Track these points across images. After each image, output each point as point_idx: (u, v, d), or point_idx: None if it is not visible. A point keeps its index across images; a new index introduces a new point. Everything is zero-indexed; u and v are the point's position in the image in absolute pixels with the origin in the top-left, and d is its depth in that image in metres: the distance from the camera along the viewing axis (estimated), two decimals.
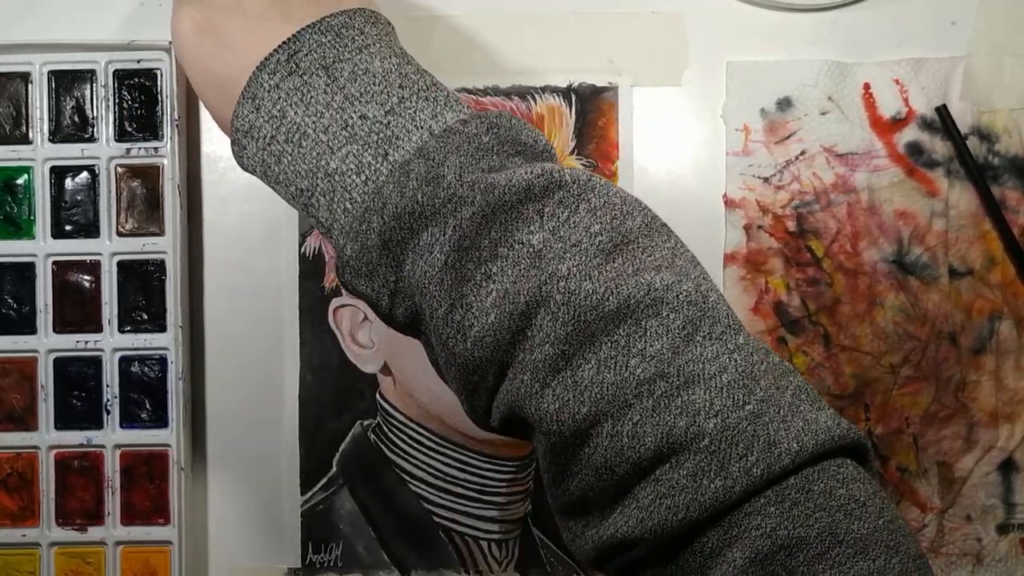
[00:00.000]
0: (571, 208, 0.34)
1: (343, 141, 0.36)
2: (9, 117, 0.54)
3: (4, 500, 0.54)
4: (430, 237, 0.35)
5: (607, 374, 0.32)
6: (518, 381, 0.34)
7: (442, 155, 0.35)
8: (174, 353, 0.53)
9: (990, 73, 0.55)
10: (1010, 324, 0.55)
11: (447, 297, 0.34)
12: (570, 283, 0.33)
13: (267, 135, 0.38)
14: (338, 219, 0.37)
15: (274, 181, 0.39)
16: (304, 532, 0.55)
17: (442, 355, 0.36)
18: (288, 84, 0.37)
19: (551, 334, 0.33)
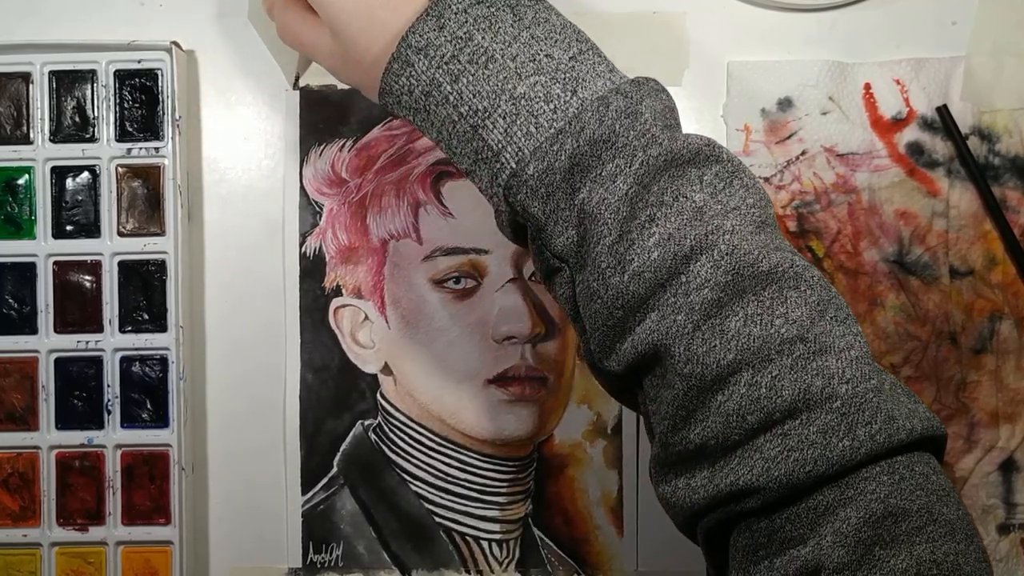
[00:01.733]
0: (727, 181, 0.37)
1: (531, 71, 0.39)
2: (10, 117, 0.54)
3: (5, 500, 0.54)
4: (614, 168, 0.37)
5: (753, 328, 0.35)
6: (669, 320, 0.36)
7: (638, 96, 0.38)
8: (175, 353, 0.53)
9: (990, 73, 0.55)
10: (1010, 324, 0.55)
11: (617, 227, 0.37)
12: (733, 238, 0.36)
13: (447, 54, 0.39)
14: (515, 140, 0.38)
15: (435, 102, 0.40)
16: (305, 532, 0.55)
17: (593, 285, 0.38)
18: (477, 11, 0.39)
19: (711, 279, 0.36)
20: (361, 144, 0.56)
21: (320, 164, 0.56)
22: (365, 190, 0.55)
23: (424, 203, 0.55)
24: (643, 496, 0.55)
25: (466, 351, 0.55)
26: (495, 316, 0.55)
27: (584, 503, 0.55)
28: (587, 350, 0.40)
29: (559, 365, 0.55)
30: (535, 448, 0.55)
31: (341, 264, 0.56)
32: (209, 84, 0.56)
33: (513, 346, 0.55)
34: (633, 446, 0.55)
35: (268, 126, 0.56)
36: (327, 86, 0.56)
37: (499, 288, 0.55)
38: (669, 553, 0.55)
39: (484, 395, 0.55)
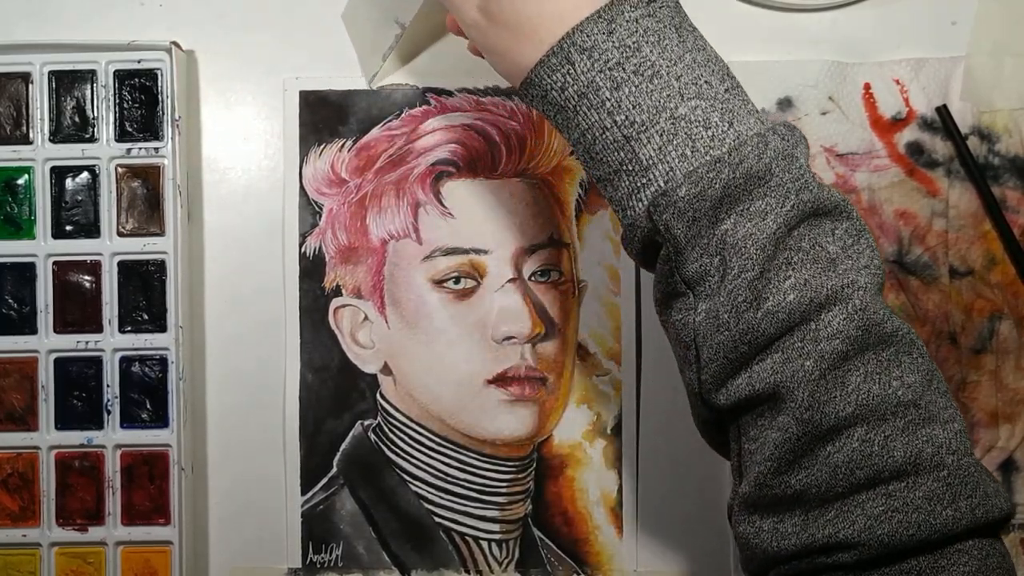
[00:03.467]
0: (855, 238, 0.39)
1: (692, 94, 0.39)
2: (10, 117, 0.54)
3: (5, 500, 0.54)
4: (765, 205, 0.37)
5: (873, 385, 0.36)
6: (796, 364, 0.37)
7: (793, 141, 0.39)
8: (174, 353, 0.53)
9: (990, 73, 0.55)
10: (1010, 324, 0.55)
11: (760, 264, 0.37)
12: (865, 295, 0.37)
13: (613, 60, 0.39)
14: (670, 161, 0.38)
15: (589, 104, 0.40)
16: (304, 532, 0.55)
17: (724, 316, 0.38)
18: (647, 23, 0.39)
19: (842, 331, 0.37)
20: (361, 144, 0.56)
21: (320, 164, 0.56)
22: (365, 190, 0.55)
23: (424, 203, 0.55)
24: (643, 496, 0.55)
25: (466, 351, 0.55)
26: (495, 316, 0.55)
27: (584, 503, 0.55)
28: (694, 379, 0.40)
29: (559, 365, 0.55)
30: (535, 448, 0.55)
31: (341, 264, 0.56)
32: (209, 84, 0.56)
33: (513, 346, 0.55)
34: (633, 446, 0.55)
35: (268, 126, 0.56)
36: (327, 87, 0.56)
37: (499, 288, 0.55)
38: (669, 553, 0.55)
39: (484, 395, 0.55)
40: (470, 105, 0.56)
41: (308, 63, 0.56)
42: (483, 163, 0.55)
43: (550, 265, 0.55)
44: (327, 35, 0.56)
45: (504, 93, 0.56)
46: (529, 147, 0.55)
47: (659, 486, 0.55)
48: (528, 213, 0.55)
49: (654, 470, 0.55)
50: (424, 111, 0.56)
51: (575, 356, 0.55)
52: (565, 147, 0.56)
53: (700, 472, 0.56)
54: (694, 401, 0.40)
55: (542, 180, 0.55)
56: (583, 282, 0.56)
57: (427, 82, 0.56)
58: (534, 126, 0.55)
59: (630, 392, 0.55)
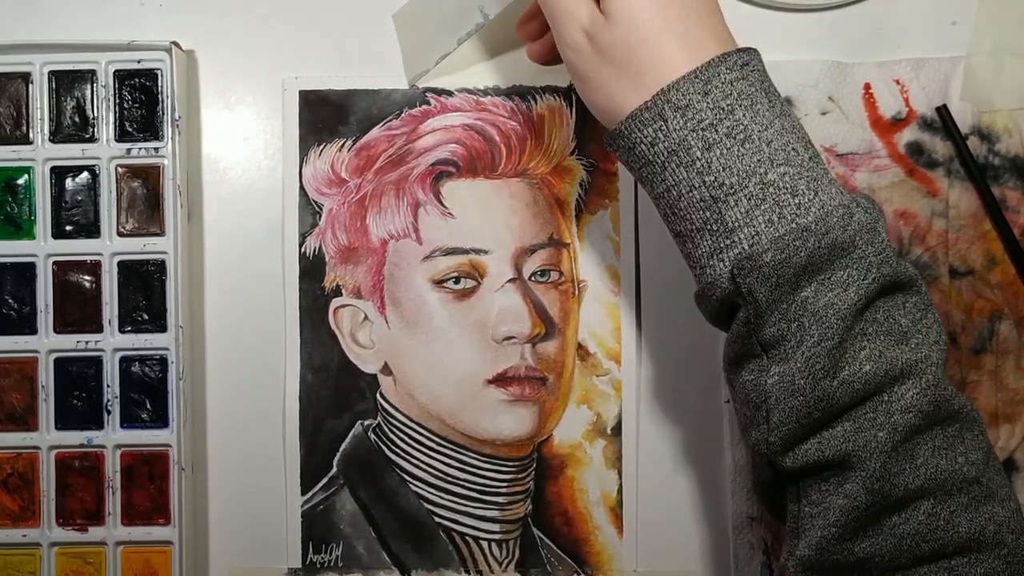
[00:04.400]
0: (923, 312, 0.40)
1: (781, 160, 0.39)
2: (9, 117, 0.54)
3: (5, 500, 0.54)
4: (847, 276, 0.38)
5: (940, 460, 0.38)
6: (868, 434, 0.38)
7: (875, 214, 0.40)
8: (174, 353, 0.53)
9: (990, 73, 0.55)
10: (1010, 324, 0.55)
11: (840, 333, 0.38)
12: (938, 372, 0.39)
13: (706, 121, 0.40)
14: (756, 225, 0.39)
15: (678, 162, 0.40)
16: (304, 532, 0.55)
17: (799, 382, 0.38)
18: (741, 87, 0.40)
19: (915, 405, 0.38)
20: (361, 144, 0.56)
21: (320, 164, 0.56)
22: (365, 190, 0.55)
23: (424, 203, 0.55)
24: (643, 496, 0.55)
25: (466, 351, 0.55)
26: (495, 316, 0.55)
27: (584, 503, 0.55)
28: (761, 440, 0.40)
29: (559, 365, 0.55)
30: (535, 448, 0.55)
31: (341, 264, 0.56)
32: (209, 84, 0.56)
33: (513, 346, 0.55)
34: (633, 446, 0.55)
35: (268, 126, 0.56)
36: (327, 87, 0.56)
37: (499, 288, 0.55)
38: (669, 553, 0.55)
39: (484, 395, 0.55)
40: (470, 105, 0.56)
41: (308, 63, 0.56)
42: (483, 163, 0.55)
43: (550, 265, 0.55)
44: (327, 35, 0.56)
45: (504, 93, 0.56)
46: (529, 147, 0.55)
47: (659, 486, 0.55)
48: (528, 213, 0.55)
49: (654, 470, 0.55)
50: (424, 111, 0.56)
51: (575, 356, 0.55)
52: (565, 147, 0.56)
53: (700, 472, 0.56)
54: (758, 461, 0.41)
55: (542, 180, 0.55)
56: (583, 282, 0.56)
57: (428, 82, 0.56)
58: (534, 126, 0.55)
59: (630, 392, 0.55)
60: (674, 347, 0.56)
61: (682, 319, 0.55)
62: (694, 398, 0.56)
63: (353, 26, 0.56)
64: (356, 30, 0.56)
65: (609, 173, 0.56)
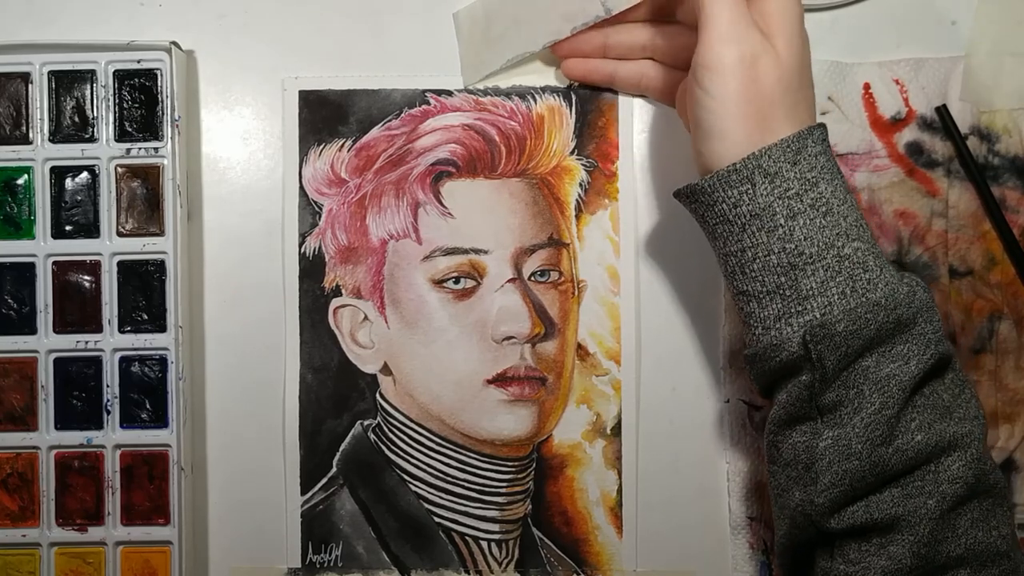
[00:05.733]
0: (960, 387, 0.42)
1: (855, 235, 0.42)
2: (9, 117, 0.54)
3: (4, 500, 0.54)
4: (907, 350, 0.41)
5: (979, 532, 0.40)
6: (918, 501, 0.40)
7: (931, 293, 0.43)
8: (174, 353, 0.53)
9: (990, 73, 0.55)
10: (1010, 324, 0.55)
11: (900, 403, 0.40)
12: (980, 446, 0.41)
13: (792, 190, 0.41)
14: (829, 296, 0.41)
15: (758, 227, 0.42)
16: (304, 532, 0.55)
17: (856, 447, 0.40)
18: (823, 160, 0.43)
19: (961, 476, 0.40)
20: (360, 144, 0.56)
21: (319, 164, 0.56)
22: (364, 190, 0.55)
23: (423, 203, 0.55)
24: (643, 496, 0.55)
25: (465, 351, 0.55)
26: (494, 316, 0.55)
27: (583, 503, 0.55)
28: (806, 500, 0.42)
29: (558, 365, 0.55)
30: (534, 448, 0.55)
31: (340, 264, 0.56)
32: (208, 84, 0.56)
33: (512, 346, 0.55)
34: (633, 446, 0.55)
35: (267, 126, 0.56)
36: (326, 87, 0.56)
37: (498, 288, 0.55)
38: (669, 553, 0.55)
39: (483, 395, 0.55)
40: (470, 105, 0.56)
41: (308, 63, 0.56)
42: (483, 163, 0.55)
43: (550, 265, 0.55)
44: (327, 35, 0.56)
45: (504, 93, 0.56)
46: (529, 147, 0.55)
47: (659, 486, 0.55)
48: (528, 213, 0.55)
49: (654, 470, 0.55)
50: (424, 111, 0.56)
51: (575, 356, 0.55)
52: (565, 147, 0.56)
53: (700, 472, 0.56)
54: (800, 521, 0.42)
55: (542, 180, 0.55)
56: (583, 282, 0.56)
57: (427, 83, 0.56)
58: (534, 126, 0.55)
59: (630, 392, 0.55)
60: (674, 347, 0.56)
61: (682, 319, 0.55)
62: (694, 398, 0.56)
63: (353, 26, 0.56)
64: (356, 30, 0.56)
65: (609, 173, 0.56)
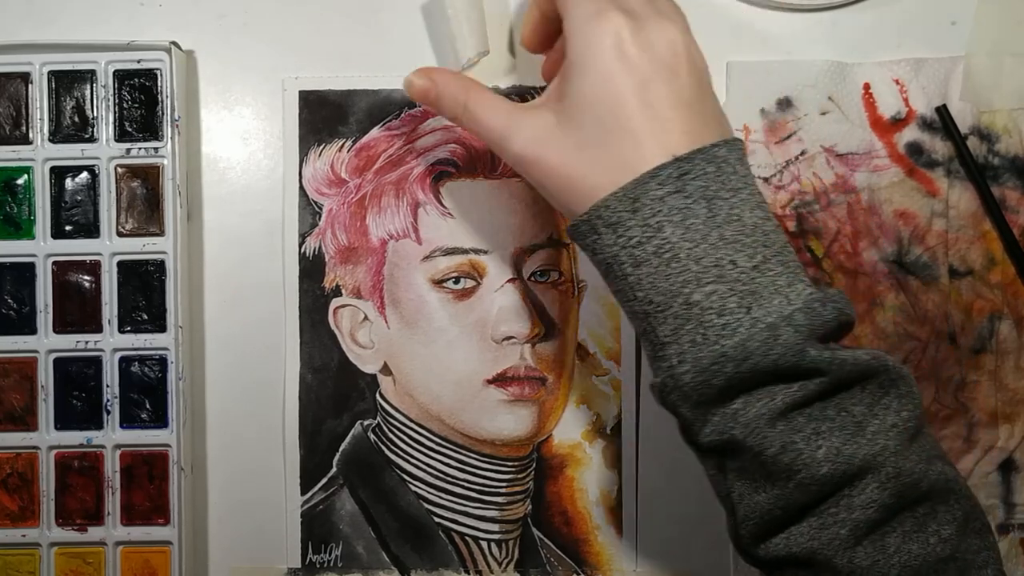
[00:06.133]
0: (885, 390, 0.39)
1: (712, 278, 0.38)
2: (9, 117, 0.54)
3: (4, 500, 0.54)
4: (773, 388, 0.38)
5: (912, 545, 0.37)
6: (831, 532, 0.38)
7: (807, 330, 0.38)
8: (174, 353, 0.53)
9: (990, 73, 0.55)
10: (1010, 324, 0.55)
11: (779, 439, 0.38)
12: (898, 459, 0.38)
13: (635, 239, 0.39)
14: (682, 344, 0.39)
15: (615, 275, 0.40)
16: (304, 532, 0.55)
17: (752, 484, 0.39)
18: (672, 201, 0.39)
19: (876, 500, 0.37)
20: (360, 144, 0.56)
21: (319, 164, 0.56)
22: (364, 190, 0.55)
23: (423, 203, 0.55)
24: (642, 496, 0.55)
25: (465, 351, 0.55)
26: (494, 316, 0.55)
27: (583, 503, 0.55)
28: (732, 532, 0.41)
29: (558, 365, 0.55)
30: (534, 448, 0.55)
31: (340, 264, 0.56)
32: (208, 84, 0.56)
33: (512, 346, 0.55)
34: (633, 446, 0.55)
35: (267, 126, 0.56)
36: (326, 87, 0.56)
37: (498, 288, 0.55)
38: (669, 553, 0.55)
39: (483, 395, 0.55)
40: None
41: (308, 63, 0.56)
42: (483, 163, 0.55)
43: (549, 265, 0.55)
44: (327, 35, 0.56)
45: (504, 93, 0.56)
46: None
47: (659, 486, 0.55)
48: (528, 213, 0.55)
49: (654, 470, 0.55)
50: (424, 111, 0.56)
51: (575, 356, 0.55)
52: None
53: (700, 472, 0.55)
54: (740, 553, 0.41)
55: None
56: (583, 282, 0.56)
57: None
58: None
59: (630, 392, 0.55)
60: None
61: None
62: None
63: (353, 26, 0.56)
64: (356, 30, 0.56)
65: None
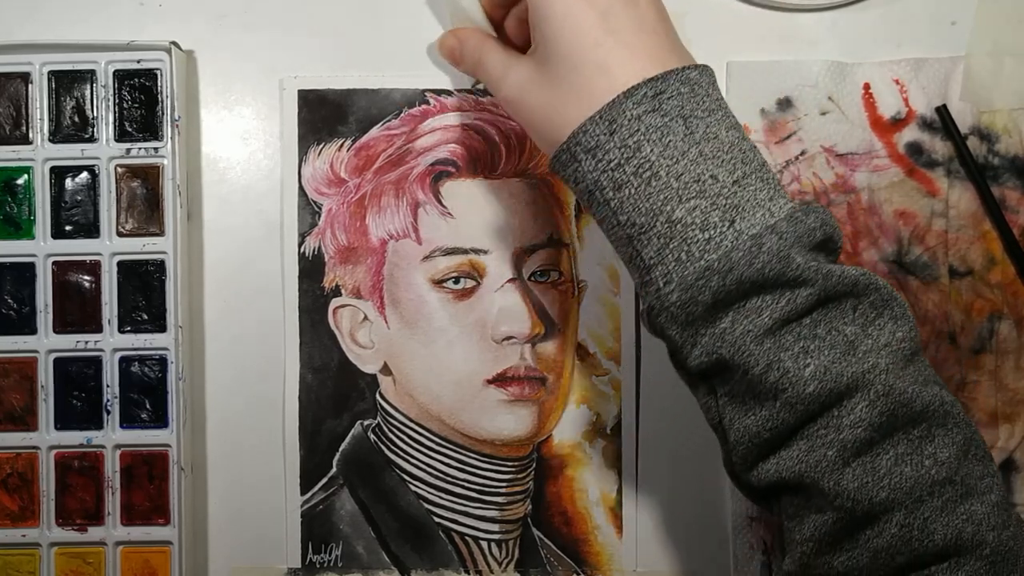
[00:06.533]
0: (879, 311, 0.38)
1: (692, 194, 0.38)
2: (9, 117, 0.54)
3: (4, 500, 0.54)
4: (760, 302, 0.37)
5: (905, 467, 0.36)
6: (819, 453, 0.37)
7: (792, 237, 0.38)
8: (174, 353, 0.53)
9: (990, 73, 0.55)
10: (1010, 324, 0.55)
11: (765, 357, 0.37)
12: (888, 377, 0.37)
13: (613, 160, 0.39)
14: (667, 264, 0.38)
15: (597, 201, 0.40)
16: (304, 532, 0.55)
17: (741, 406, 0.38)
18: (649, 120, 0.38)
19: (865, 419, 0.36)
20: (360, 144, 0.56)
21: (319, 164, 0.56)
22: (364, 190, 0.55)
23: (423, 203, 0.55)
24: (642, 496, 0.55)
25: (465, 351, 0.55)
26: (494, 316, 0.55)
27: (583, 503, 0.55)
28: (726, 459, 0.40)
29: (558, 365, 0.55)
30: (534, 448, 0.55)
31: (340, 264, 0.56)
32: (208, 84, 0.56)
33: (512, 346, 0.55)
34: (633, 446, 0.55)
35: (267, 126, 0.56)
36: (326, 86, 0.56)
37: (498, 288, 0.55)
38: (669, 553, 0.55)
39: (483, 395, 0.55)
40: (470, 105, 0.56)
41: (307, 62, 0.56)
42: (483, 163, 0.55)
43: (550, 265, 0.55)
44: (326, 35, 0.56)
45: None
46: (529, 147, 0.55)
47: (659, 486, 0.55)
48: (528, 213, 0.55)
49: (654, 470, 0.55)
50: (423, 111, 0.56)
51: (575, 356, 0.55)
52: None
53: (700, 472, 0.56)
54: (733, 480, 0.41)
55: (542, 180, 0.55)
56: (583, 282, 0.56)
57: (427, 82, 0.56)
58: None
59: (630, 392, 0.55)
60: None
61: None
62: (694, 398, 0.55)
63: (353, 26, 0.56)
64: (356, 30, 0.56)
65: None
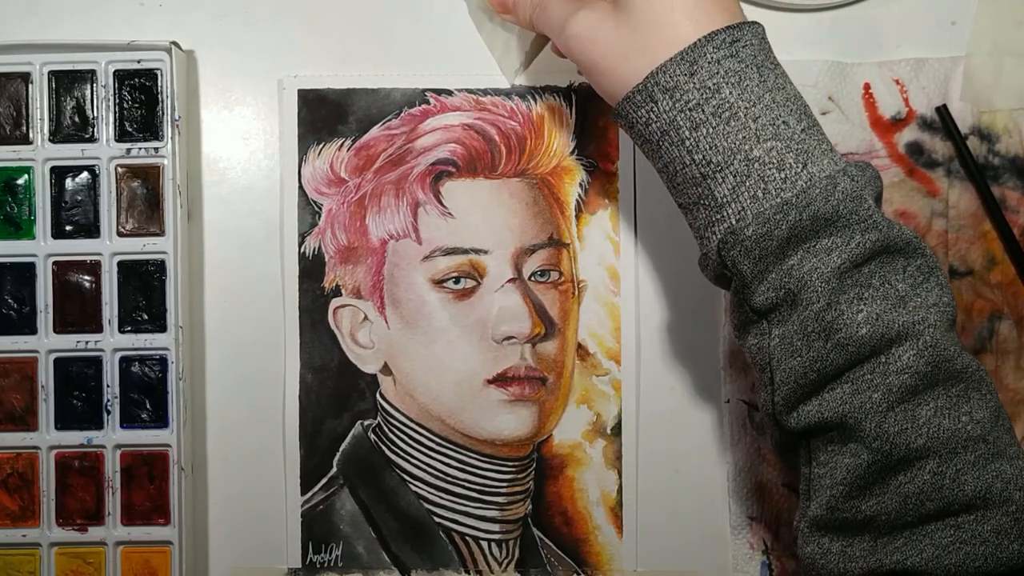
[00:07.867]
0: (925, 275, 0.40)
1: (768, 135, 0.40)
2: (9, 117, 0.54)
3: (4, 500, 0.54)
4: (831, 243, 0.39)
5: (943, 420, 0.38)
6: (864, 397, 0.38)
7: (863, 181, 0.40)
8: (174, 353, 0.53)
9: (990, 73, 0.55)
10: (1010, 324, 0.55)
11: (827, 296, 0.39)
12: (936, 332, 0.39)
13: (693, 101, 0.40)
14: (741, 199, 0.40)
15: (670, 141, 0.41)
16: (304, 532, 0.55)
17: (796, 343, 0.39)
18: (728, 64, 0.40)
19: (912, 366, 0.38)
20: (360, 144, 0.56)
21: (319, 164, 0.56)
22: (364, 190, 0.55)
23: (423, 203, 0.55)
24: (643, 496, 0.55)
25: (466, 351, 0.55)
26: (495, 316, 0.55)
27: (584, 503, 0.55)
28: (768, 401, 0.41)
29: (558, 365, 0.55)
30: (534, 448, 0.55)
31: (340, 264, 0.56)
32: (208, 84, 0.56)
33: (512, 346, 0.55)
34: (633, 446, 0.55)
35: (267, 126, 0.56)
36: (326, 86, 0.56)
37: (498, 288, 0.55)
38: (669, 553, 0.55)
39: (484, 395, 0.55)
40: (470, 105, 0.56)
41: (307, 62, 0.56)
42: (483, 163, 0.55)
43: (550, 265, 0.55)
44: (326, 34, 0.56)
45: (504, 93, 0.56)
46: (529, 147, 0.55)
47: (659, 486, 0.55)
48: (528, 213, 0.55)
49: (654, 470, 0.55)
50: (424, 110, 0.56)
51: (575, 356, 0.55)
52: (565, 147, 0.56)
53: (700, 472, 0.56)
54: (768, 422, 0.42)
55: (542, 180, 0.55)
56: (583, 282, 0.56)
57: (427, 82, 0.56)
58: (534, 126, 0.55)
59: (630, 392, 0.55)
60: (674, 347, 0.56)
61: (682, 319, 0.55)
62: (694, 398, 0.56)
63: (353, 26, 0.56)
64: (356, 30, 0.56)
65: (609, 173, 0.56)
